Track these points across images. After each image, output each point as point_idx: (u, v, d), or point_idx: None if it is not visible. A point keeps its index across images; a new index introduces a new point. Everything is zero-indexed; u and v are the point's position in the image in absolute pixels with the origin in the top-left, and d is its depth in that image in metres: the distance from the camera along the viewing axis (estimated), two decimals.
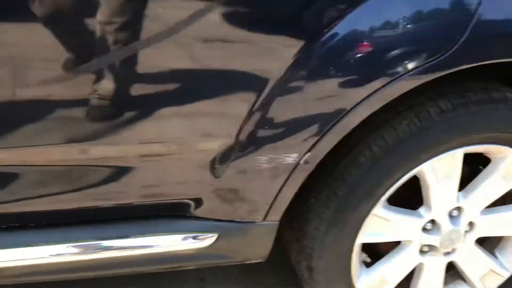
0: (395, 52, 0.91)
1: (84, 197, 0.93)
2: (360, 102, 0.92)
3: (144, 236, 0.99)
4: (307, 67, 0.87)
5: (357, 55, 0.89)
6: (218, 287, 1.41)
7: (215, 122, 0.90)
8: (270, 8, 0.84)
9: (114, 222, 0.98)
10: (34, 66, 0.81)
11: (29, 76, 0.81)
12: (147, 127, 0.88)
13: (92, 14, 0.79)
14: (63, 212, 0.96)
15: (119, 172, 0.94)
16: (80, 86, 0.83)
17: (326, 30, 0.86)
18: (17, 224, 0.96)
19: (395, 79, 0.91)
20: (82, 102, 0.85)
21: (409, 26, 0.91)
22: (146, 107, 0.87)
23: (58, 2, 0.78)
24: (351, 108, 0.92)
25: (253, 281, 1.44)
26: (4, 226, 0.95)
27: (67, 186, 0.93)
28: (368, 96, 0.92)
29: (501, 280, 1.32)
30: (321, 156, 0.97)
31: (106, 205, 0.97)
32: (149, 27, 0.81)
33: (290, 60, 0.86)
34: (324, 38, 0.86)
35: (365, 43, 0.90)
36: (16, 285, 1.09)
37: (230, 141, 0.91)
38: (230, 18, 0.82)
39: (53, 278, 1.02)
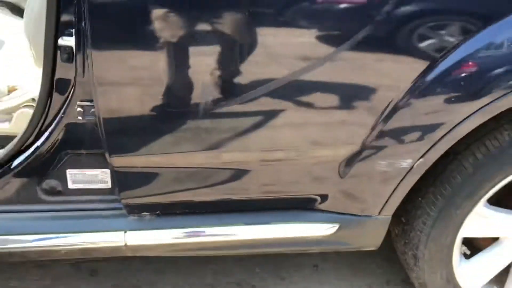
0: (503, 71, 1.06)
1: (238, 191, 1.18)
2: (469, 115, 1.09)
3: (281, 224, 1.23)
4: (426, 86, 1.05)
5: (467, 76, 1.06)
6: (331, 272, 1.62)
7: (346, 131, 1.11)
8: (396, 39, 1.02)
9: (258, 212, 1.22)
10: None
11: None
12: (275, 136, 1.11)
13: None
14: (218, 202, 1.22)
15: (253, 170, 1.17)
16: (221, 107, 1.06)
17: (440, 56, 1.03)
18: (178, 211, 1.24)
19: (504, 95, 1.06)
20: (218, 117, 1.07)
21: None
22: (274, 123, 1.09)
23: None
24: (462, 121, 1.09)
25: (361, 269, 1.64)
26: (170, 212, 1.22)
27: (217, 181, 1.18)
28: (477, 110, 1.08)
29: None
30: (431, 161, 1.15)
31: (251, 198, 1.22)
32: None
33: (412, 80, 1.05)
34: (439, 63, 1.04)
35: (474, 67, 1.06)
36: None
37: (356, 147, 1.12)
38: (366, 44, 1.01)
39: (209, 254, 1.29)
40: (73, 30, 0.99)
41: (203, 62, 1.02)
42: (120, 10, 0.97)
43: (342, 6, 1.00)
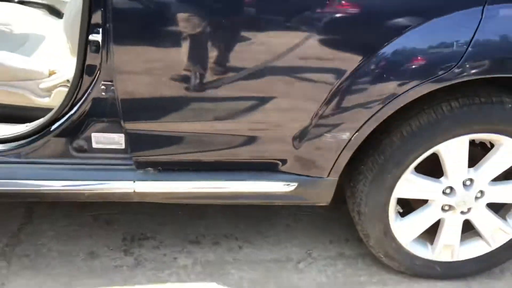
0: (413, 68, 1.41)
1: (223, 153, 1.56)
2: (394, 98, 1.44)
3: (254, 181, 1.60)
4: (358, 78, 1.41)
5: (388, 71, 1.41)
6: (299, 230, 2.00)
7: (298, 111, 1.47)
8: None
9: (238, 171, 1.60)
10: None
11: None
12: (257, 113, 1.48)
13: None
14: (206, 162, 1.59)
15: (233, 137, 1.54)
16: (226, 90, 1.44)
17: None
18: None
19: (414, 86, 1.42)
20: (209, 97, 1.45)
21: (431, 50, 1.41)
22: (256, 104, 1.46)
23: None
24: (384, 105, 1.44)
25: (325, 229, 2.01)
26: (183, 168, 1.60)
27: (210, 146, 1.56)
28: (400, 94, 1.43)
29: (508, 237, 1.76)
30: (365, 135, 1.50)
31: (232, 160, 1.59)
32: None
33: (347, 73, 1.40)
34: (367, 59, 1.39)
35: (405, 57, 1.41)
36: None
37: (306, 123, 1.48)
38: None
39: (199, 202, 1.68)
40: (100, 29, 1.38)
41: (197, 57, 1.40)
42: (135, 15, 1.35)
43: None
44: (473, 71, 1.41)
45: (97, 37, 1.40)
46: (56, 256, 1.82)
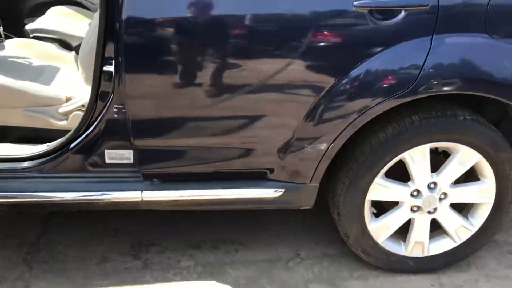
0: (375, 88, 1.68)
1: (219, 165, 1.81)
2: (363, 113, 1.70)
3: (247, 188, 1.84)
4: (332, 96, 1.67)
5: (367, 86, 1.67)
6: (289, 235, 2.23)
7: (282, 126, 1.73)
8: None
9: (232, 180, 1.84)
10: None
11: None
12: (247, 129, 1.73)
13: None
14: (205, 173, 1.84)
15: (227, 150, 1.79)
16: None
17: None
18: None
19: (378, 103, 1.68)
20: (205, 116, 1.71)
21: (392, 72, 1.68)
22: (246, 121, 1.72)
23: None
24: (359, 116, 1.69)
25: (311, 232, 2.25)
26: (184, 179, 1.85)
27: (207, 158, 1.80)
28: (368, 109, 1.69)
29: (470, 233, 2.00)
30: (339, 145, 1.76)
31: (226, 170, 1.84)
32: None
33: (323, 92, 1.66)
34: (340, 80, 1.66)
35: (371, 78, 1.67)
36: None
37: (289, 137, 1.74)
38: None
39: (198, 209, 1.92)
40: (113, 61, 1.64)
41: (194, 83, 1.66)
42: (144, 50, 1.61)
43: None
44: (427, 89, 1.67)
45: (110, 68, 1.66)
46: (72, 261, 2.05)
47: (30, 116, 1.95)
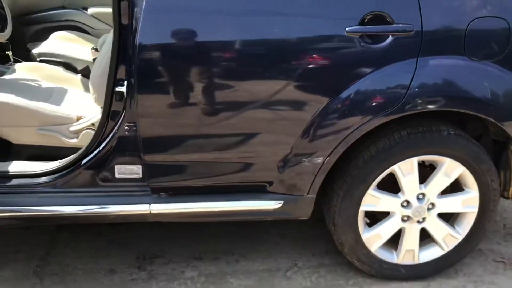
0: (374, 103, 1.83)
1: (221, 178, 1.93)
2: (355, 129, 1.85)
3: (247, 200, 1.97)
4: (326, 115, 1.81)
5: (358, 104, 1.82)
6: (287, 246, 2.35)
7: (280, 142, 1.87)
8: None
9: (233, 193, 1.96)
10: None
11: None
12: (248, 145, 1.87)
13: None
14: (208, 186, 1.96)
15: (230, 164, 1.92)
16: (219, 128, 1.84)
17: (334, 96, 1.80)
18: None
19: (375, 116, 1.83)
20: (209, 133, 1.84)
21: (381, 92, 1.83)
22: (248, 138, 1.86)
23: None
24: (352, 132, 1.84)
25: (308, 244, 2.37)
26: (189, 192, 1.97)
27: (211, 173, 1.93)
28: (359, 126, 1.84)
29: (457, 241, 2.14)
30: (334, 159, 1.90)
31: (228, 183, 1.96)
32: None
33: (318, 110, 1.81)
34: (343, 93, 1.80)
35: (362, 97, 1.82)
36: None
37: (287, 151, 1.88)
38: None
39: (202, 220, 2.03)
40: (125, 82, 1.78)
41: (200, 102, 1.79)
42: (155, 72, 1.74)
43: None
44: (413, 107, 1.82)
45: (121, 88, 1.79)
46: (81, 274, 2.14)
47: (43, 135, 2.06)
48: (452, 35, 1.80)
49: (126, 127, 1.84)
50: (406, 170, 1.97)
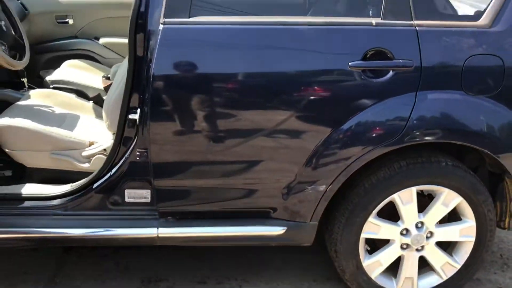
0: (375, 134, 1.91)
1: (227, 204, 2.00)
2: (357, 159, 1.93)
3: (252, 226, 2.03)
4: (328, 145, 1.90)
5: (360, 135, 1.90)
6: (289, 271, 2.40)
7: (284, 170, 1.94)
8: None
9: (238, 218, 2.03)
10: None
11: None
12: (254, 173, 1.94)
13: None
14: (215, 211, 2.03)
15: (236, 191, 1.99)
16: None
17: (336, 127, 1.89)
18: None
19: (376, 147, 1.91)
20: (215, 160, 1.93)
21: (382, 124, 1.92)
22: (253, 166, 1.94)
23: None
24: (353, 161, 1.92)
25: (310, 270, 2.41)
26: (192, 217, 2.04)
27: (215, 197, 2.00)
28: (361, 156, 1.92)
29: (455, 270, 2.19)
30: (337, 187, 1.97)
31: (234, 209, 2.03)
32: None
33: (321, 140, 1.90)
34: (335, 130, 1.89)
35: (363, 129, 1.91)
36: None
37: (291, 179, 1.95)
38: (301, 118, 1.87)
39: (208, 244, 2.09)
40: (138, 110, 1.86)
41: (209, 130, 1.88)
42: (166, 102, 1.84)
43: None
44: (412, 139, 1.91)
45: (134, 116, 1.88)
46: None
47: (56, 159, 2.14)
48: (450, 71, 1.90)
49: (137, 153, 1.92)
50: (405, 199, 2.04)
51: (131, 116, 1.89)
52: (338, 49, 1.88)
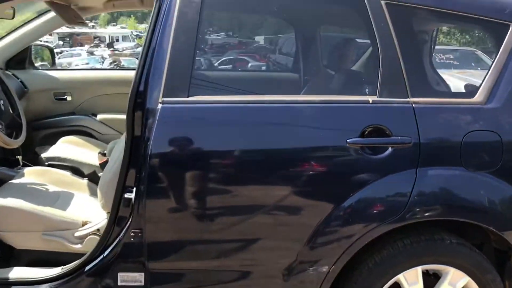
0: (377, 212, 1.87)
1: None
2: (360, 237, 1.87)
3: None
4: (337, 215, 1.84)
5: (362, 212, 1.86)
6: None
7: (285, 250, 1.88)
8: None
9: None
10: None
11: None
12: (254, 252, 1.88)
13: None
14: None
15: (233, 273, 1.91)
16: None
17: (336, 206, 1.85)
18: None
19: (379, 225, 1.86)
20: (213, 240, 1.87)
21: (384, 200, 1.88)
22: (253, 245, 1.87)
23: None
24: (357, 239, 1.86)
25: None
26: None
27: (211, 280, 1.91)
28: (364, 234, 1.87)
29: None
30: (339, 268, 1.89)
31: None
32: None
33: (322, 219, 1.85)
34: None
35: (364, 206, 1.87)
36: None
37: (292, 260, 1.88)
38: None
39: None
40: (134, 189, 1.83)
41: (202, 213, 1.84)
42: (162, 180, 1.80)
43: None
44: (415, 216, 1.87)
45: (130, 195, 1.84)
46: None
47: (48, 240, 2.07)
48: (449, 147, 1.90)
49: (132, 233, 1.85)
50: (410, 280, 1.96)
51: (126, 195, 1.85)
52: (336, 126, 1.88)
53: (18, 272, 1.97)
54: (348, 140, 1.84)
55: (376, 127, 1.87)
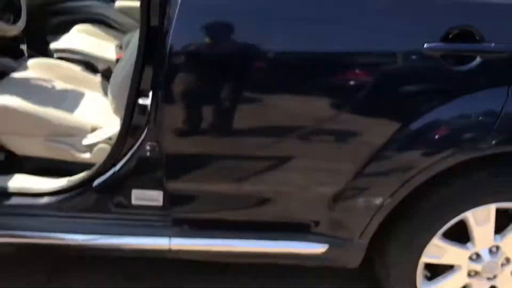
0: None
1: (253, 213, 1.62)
2: (426, 167, 1.51)
3: (285, 241, 1.64)
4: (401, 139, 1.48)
5: (432, 137, 1.49)
6: None
7: (333, 176, 1.54)
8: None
9: (269, 231, 1.64)
10: None
11: None
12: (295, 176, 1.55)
13: None
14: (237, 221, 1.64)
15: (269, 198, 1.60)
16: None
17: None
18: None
19: (453, 154, 1.49)
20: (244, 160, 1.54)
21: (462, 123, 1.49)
22: (295, 165, 1.54)
23: None
24: (421, 170, 1.50)
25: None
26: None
27: (242, 205, 1.62)
28: (432, 164, 1.50)
29: None
30: (397, 201, 1.56)
31: (263, 220, 1.64)
32: None
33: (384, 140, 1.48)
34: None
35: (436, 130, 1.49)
36: None
37: (340, 188, 1.55)
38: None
39: (230, 261, 1.71)
40: (150, 93, 1.47)
41: (234, 124, 1.48)
42: (185, 81, 1.44)
43: None
44: (501, 144, 1.48)
45: (145, 101, 1.49)
46: None
47: (51, 147, 1.77)
48: None
49: (148, 147, 1.53)
50: (481, 219, 1.62)
51: (141, 101, 1.50)
52: (410, 27, 1.44)
53: (18, 182, 1.70)
54: (425, 45, 1.41)
55: (463, 29, 1.42)
